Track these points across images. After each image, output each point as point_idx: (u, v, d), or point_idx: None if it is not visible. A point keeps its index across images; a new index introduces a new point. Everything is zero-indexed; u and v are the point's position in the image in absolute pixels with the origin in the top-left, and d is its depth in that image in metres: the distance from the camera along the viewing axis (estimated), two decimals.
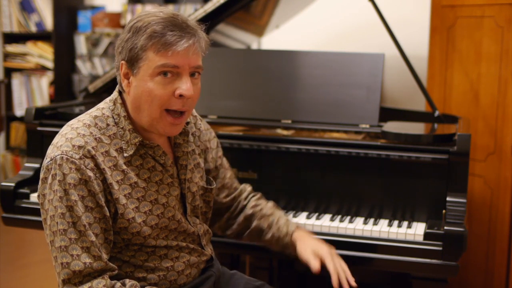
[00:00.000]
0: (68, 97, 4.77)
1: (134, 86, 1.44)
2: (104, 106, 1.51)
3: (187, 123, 1.63)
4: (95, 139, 1.42)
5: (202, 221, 1.66)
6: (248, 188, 1.89)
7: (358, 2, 2.77)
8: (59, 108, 2.49)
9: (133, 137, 1.47)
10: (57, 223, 1.37)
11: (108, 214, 1.40)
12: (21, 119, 4.85)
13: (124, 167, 1.45)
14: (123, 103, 1.50)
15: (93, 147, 1.41)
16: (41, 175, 1.43)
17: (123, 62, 1.45)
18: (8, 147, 5.01)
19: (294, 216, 2.09)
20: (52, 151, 1.41)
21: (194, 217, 1.62)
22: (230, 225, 1.84)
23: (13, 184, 2.20)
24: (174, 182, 1.55)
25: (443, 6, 2.85)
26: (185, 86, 1.42)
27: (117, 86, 1.53)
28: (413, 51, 3.05)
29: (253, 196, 1.87)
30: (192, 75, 1.46)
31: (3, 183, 2.22)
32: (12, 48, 4.90)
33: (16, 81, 4.91)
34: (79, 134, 1.41)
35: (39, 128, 2.34)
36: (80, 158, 1.38)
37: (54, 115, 2.42)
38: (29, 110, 2.36)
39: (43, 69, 4.82)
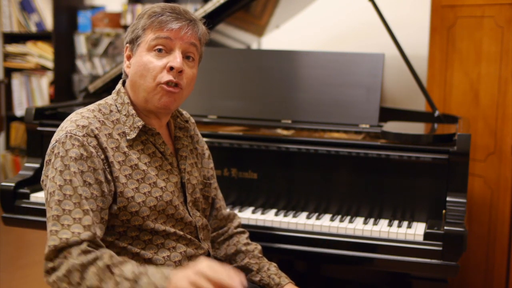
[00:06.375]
0: (68, 97, 4.77)
1: (133, 64, 1.54)
2: (108, 97, 1.60)
3: (187, 121, 1.69)
4: (99, 121, 1.50)
5: (202, 215, 1.68)
6: (238, 218, 1.88)
7: (358, 2, 2.77)
8: (59, 108, 2.48)
9: (136, 120, 1.53)
10: (54, 193, 1.39)
11: (106, 191, 1.44)
12: (21, 119, 4.85)
13: (126, 149, 1.51)
14: (127, 92, 1.58)
15: (96, 128, 1.47)
16: (46, 159, 1.47)
17: (127, 45, 1.57)
18: (8, 147, 5.01)
19: (294, 216, 2.09)
20: (57, 134, 1.47)
21: (195, 209, 1.65)
22: (214, 247, 1.81)
23: (13, 184, 2.20)
24: (173, 170, 1.60)
25: (443, 6, 2.85)
26: (176, 59, 1.50)
27: (121, 80, 1.62)
28: (413, 51, 3.05)
29: (243, 232, 1.85)
30: (187, 58, 1.54)
31: (3, 183, 2.22)
32: (12, 48, 4.89)
33: (16, 81, 4.90)
34: (83, 117, 1.48)
35: (39, 128, 2.34)
36: (84, 136, 1.44)
37: (54, 115, 2.42)
38: (29, 110, 2.36)
39: (43, 69, 4.82)
